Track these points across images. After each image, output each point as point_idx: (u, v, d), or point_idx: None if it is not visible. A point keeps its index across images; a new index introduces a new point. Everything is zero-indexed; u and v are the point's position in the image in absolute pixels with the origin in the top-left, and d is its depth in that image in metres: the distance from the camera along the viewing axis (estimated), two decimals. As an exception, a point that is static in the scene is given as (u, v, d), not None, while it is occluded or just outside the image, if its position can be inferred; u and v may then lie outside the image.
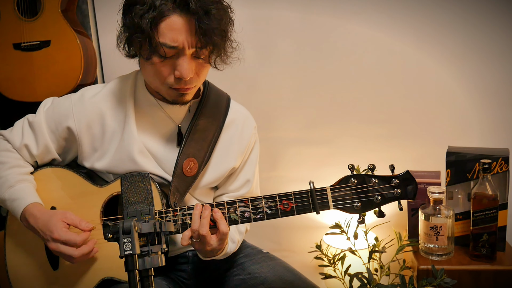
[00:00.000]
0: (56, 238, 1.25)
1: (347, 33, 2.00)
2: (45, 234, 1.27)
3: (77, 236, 1.26)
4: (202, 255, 1.31)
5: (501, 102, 1.96)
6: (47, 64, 1.92)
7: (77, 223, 1.29)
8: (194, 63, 1.23)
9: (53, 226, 1.26)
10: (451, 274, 1.58)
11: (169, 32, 1.17)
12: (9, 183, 1.33)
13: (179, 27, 1.17)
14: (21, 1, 1.91)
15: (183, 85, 1.25)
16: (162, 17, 1.16)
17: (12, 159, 1.38)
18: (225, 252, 1.35)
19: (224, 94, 1.47)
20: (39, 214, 1.29)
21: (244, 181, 1.47)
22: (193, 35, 1.18)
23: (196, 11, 1.15)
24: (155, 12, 1.15)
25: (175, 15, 1.17)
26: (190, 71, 1.22)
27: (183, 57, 1.21)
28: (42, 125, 1.37)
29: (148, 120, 1.37)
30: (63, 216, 1.28)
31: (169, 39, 1.18)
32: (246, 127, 1.46)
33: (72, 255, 1.25)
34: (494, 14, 1.90)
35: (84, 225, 1.29)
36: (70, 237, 1.25)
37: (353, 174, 1.23)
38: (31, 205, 1.31)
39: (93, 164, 1.38)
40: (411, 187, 1.23)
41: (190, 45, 1.19)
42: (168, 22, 1.17)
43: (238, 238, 1.44)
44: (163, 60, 1.21)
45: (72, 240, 1.25)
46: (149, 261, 0.93)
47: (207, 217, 1.21)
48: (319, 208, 1.22)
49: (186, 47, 1.19)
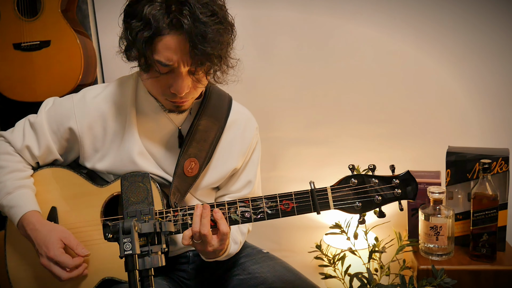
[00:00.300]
0: (51, 257, 1.25)
1: (347, 33, 2.00)
2: (41, 249, 1.27)
3: (71, 260, 1.26)
4: (204, 256, 1.31)
5: (501, 102, 1.96)
6: (47, 64, 1.92)
7: (74, 246, 1.28)
8: (190, 79, 1.22)
9: (50, 244, 1.26)
10: (451, 274, 1.58)
11: (164, 51, 1.16)
12: (7, 189, 1.32)
13: (174, 46, 1.16)
14: (21, 1, 1.91)
15: (179, 99, 1.26)
16: (157, 36, 1.15)
17: (12, 163, 1.37)
18: (228, 253, 1.35)
19: (226, 95, 1.47)
20: (38, 225, 1.29)
21: (245, 182, 1.47)
22: (187, 55, 1.16)
23: (190, 32, 1.13)
24: (150, 30, 1.14)
25: (170, 35, 1.15)
26: (185, 87, 1.22)
27: (178, 74, 1.20)
28: (43, 125, 1.37)
29: (149, 122, 1.36)
30: (62, 235, 1.28)
31: (164, 57, 1.17)
32: (248, 128, 1.46)
33: (61, 276, 1.26)
34: (494, 14, 1.90)
35: (80, 250, 1.29)
36: (64, 259, 1.25)
37: (354, 174, 1.23)
38: (29, 213, 1.30)
39: (95, 164, 1.38)
40: (412, 188, 1.22)
41: (185, 63, 1.18)
42: (163, 41, 1.15)
43: (240, 239, 1.44)
44: (159, 75, 1.21)
45: (65, 263, 1.25)
46: (149, 261, 0.93)
47: (207, 216, 1.21)
48: (319, 208, 1.22)
49: (181, 65, 1.18)
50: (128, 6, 1.20)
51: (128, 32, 1.17)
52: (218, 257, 1.30)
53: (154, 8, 1.13)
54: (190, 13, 1.12)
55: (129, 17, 1.18)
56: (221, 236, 1.22)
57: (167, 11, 1.13)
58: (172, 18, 1.13)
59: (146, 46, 1.16)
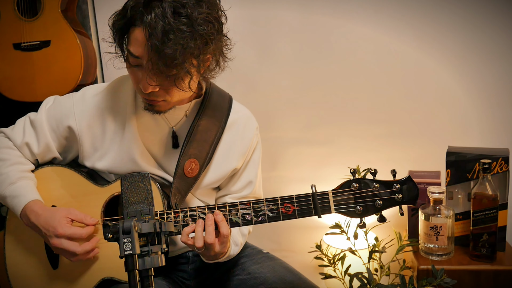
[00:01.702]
0: (60, 233, 1.25)
1: (347, 33, 2.00)
2: (48, 231, 1.27)
3: (82, 229, 1.27)
4: (205, 258, 1.31)
5: (501, 102, 1.96)
6: (47, 64, 1.92)
7: (82, 218, 1.30)
8: (156, 78, 1.18)
9: (57, 222, 1.26)
10: (451, 274, 1.58)
11: (133, 41, 1.18)
12: (10, 180, 1.33)
13: (140, 39, 1.15)
14: (21, 1, 1.91)
15: (147, 96, 1.24)
16: (131, 26, 1.18)
17: (13, 156, 1.38)
18: (228, 255, 1.35)
19: (226, 95, 1.47)
20: (41, 211, 1.29)
21: (246, 182, 1.47)
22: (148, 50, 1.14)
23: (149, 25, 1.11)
24: (124, 19, 1.18)
25: (141, 28, 1.15)
26: (148, 85, 1.19)
27: (144, 70, 1.19)
28: (43, 123, 1.37)
29: (148, 121, 1.36)
30: (67, 212, 1.29)
31: (132, 48, 1.18)
32: (248, 128, 1.46)
33: (75, 251, 1.25)
34: (494, 14, 1.90)
35: (89, 220, 1.30)
36: (75, 230, 1.26)
37: (355, 179, 1.23)
38: (32, 202, 1.31)
39: (94, 164, 1.38)
40: (413, 193, 1.22)
41: (150, 60, 1.15)
42: (134, 33, 1.17)
43: (241, 240, 1.44)
44: (130, 67, 1.23)
45: (77, 233, 1.26)
46: (149, 261, 0.93)
47: (211, 225, 1.21)
48: (320, 212, 1.22)
49: (146, 61, 1.16)
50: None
51: (111, 19, 1.22)
52: (218, 259, 1.30)
53: (136, 1, 1.16)
54: (160, 10, 1.12)
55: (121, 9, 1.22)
56: (222, 239, 1.22)
57: (145, 5, 1.14)
58: (144, 13, 1.14)
59: (121, 34, 1.21)
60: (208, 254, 1.24)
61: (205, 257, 1.29)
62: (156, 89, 1.21)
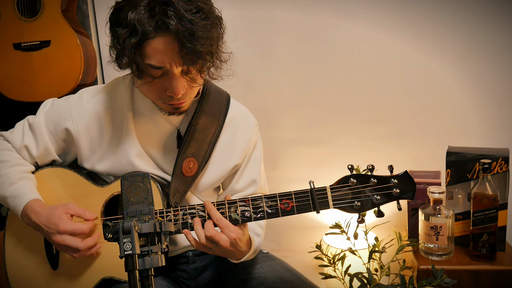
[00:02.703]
0: (62, 229, 1.25)
1: (347, 33, 2.00)
2: (50, 228, 1.27)
3: (84, 225, 1.27)
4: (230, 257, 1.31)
5: (501, 102, 1.96)
6: (47, 64, 1.92)
7: (80, 212, 1.30)
8: (185, 79, 1.20)
9: (58, 219, 1.26)
10: (451, 274, 1.58)
11: (154, 54, 1.15)
12: (11, 180, 1.33)
13: (163, 48, 1.14)
14: (21, 1, 1.91)
15: (176, 101, 1.24)
16: (145, 40, 1.13)
17: (13, 158, 1.38)
18: (255, 248, 1.35)
19: (224, 93, 1.46)
20: (41, 210, 1.29)
21: (250, 180, 1.47)
22: (178, 55, 1.14)
23: (177, 32, 1.11)
24: (137, 36, 1.12)
25: (158, 37, 1.13)
26: (181, 88, 1.20)
27: (172, 76, 1.18)
28: (41, 126, 1.37)
29: (147, 123, 1.36)
30: (65, 208, 1.29)
31: (155, 60, 1.15)
32: (247, 125, 1.46)
33: (78, 246, 1.26)
34: (494, 14, 1.90)
35: (88, 215, 1.30)
36: (77, 226, 1.26)
37: (353, 174, 1.23)
38: (32, 201, 1.31)
39: (93, 166, 1.38)
40: (410, 187, 1.23)
41: (177, 64, 1.16)
42: (152, 45, 1.14)
43: (260, 231, 1.43)
44: (152, 80, 1.20)
45: (79, 229, 1.26)
46: (149, 261, 0.93)
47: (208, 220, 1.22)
48: (319, 207, 1.23)
49: (173, 67, 1.16)
50: (112, 15, 1.18)
51: (116, 40, 1.16)
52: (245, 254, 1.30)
53: (138, 13, 1.12)
54: (175, 13, 1.11)
55: (115, 25, 1.16)
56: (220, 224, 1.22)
57: (151, 14, 1.11)
58: (157, 20, 1.11)
59: (135, 52, 1.14)
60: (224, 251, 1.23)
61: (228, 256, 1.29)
62: (185, 90, 1.22)
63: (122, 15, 1.14)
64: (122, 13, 1.14)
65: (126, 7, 1.14)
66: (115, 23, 1.16)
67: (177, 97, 1.21)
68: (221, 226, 1.22)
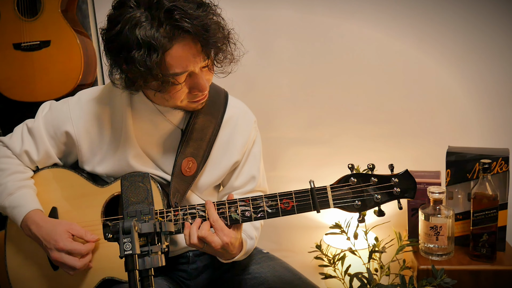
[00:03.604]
0: (61, 247, 1.25)
1: (347, 33, 2.00)
2: (48, 243, 1.27)
3: (82, 246, 1.27)
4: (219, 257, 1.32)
5: (501, 102, 1.96)
6: (47, 64, 1.92)
7: (82, 234, 1.29)
8: (205, 72, 1.23)
9: (58, 236, 1.26)
10: (451, 274, 1.58)
11: (177, 62, 1.15)
12: (9, 190, 1.33)
13: (184, 53, 1.15)
14: (21, 1, 1.92)
15: (201, 96, 1.27)
16: (165, 52, 1.12)
17: (12, 165, 1.37)
18: (246, 251, 1.35)
19: (222, 90, 1.46)
20: (42, 223, 1.29)
21: (249, 177, 1.46)
22: (200, 54, 1.17)
23: (196, 33, 1.12)
24: (157, 52, 1.10)
25: (175, 45, 1.13)
26: (206, 83, 1.24)
27: (195, 75, 1.21)
28: (41, 131, 1.37)
29: (146, 123, 1.36)
30: (68, 227, 1.29)
31: (179, 68, 1.16)
32: (245, 122, 1.46)
33: (75, 265, 1.26)
34: (494, 14, 1.90)
35: (90, 237, 1.30)
36: (76, 246, 1.26)
37: (353, 173, 1.23)
38: (32, 212, 1.31)
39: (94, 168, 1.38)
40: (411, 186, 1.22)
41: (198, 62, 1.18)
42: (171, 54, 1.13)
43: (255, 234, 1.43)
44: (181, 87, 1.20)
45: (77, 249, 1.26)
46: (149, 261, 0.93)
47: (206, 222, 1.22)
48: (319, 207, 1.22)
49: (195, 67, 1.19)
50: (109, 43, 1.16)
51: (135, 65, 1.11)
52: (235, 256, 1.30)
53: (145, 28, 1.10)
54: (183, 15, 1.11)
55: (124, 51, 1.13)
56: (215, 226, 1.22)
57: (160, 24, 1.11)
58: (170, 29, 1.11)
59: (160, 68, 1.13)
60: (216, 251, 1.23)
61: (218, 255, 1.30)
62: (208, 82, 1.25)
63: (128, 38, 1.11)
64: (126, 36, 1.12)
65: (125, 28, 1.11)
66: (122, 49, 1.13)
67: (204, 91, 1.24)
68: (216, 228, 1.21)
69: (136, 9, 1.12)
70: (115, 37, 1.14)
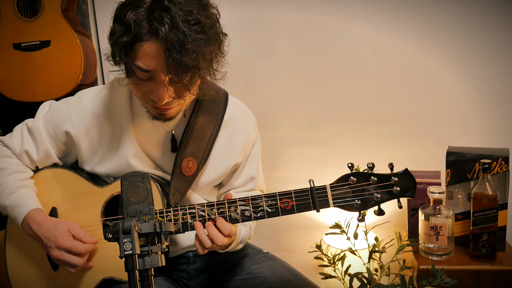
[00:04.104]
0: (61, 245, 1.25)
1: (347, 33, 2.00)
2: (49, 241, 1.27)
3: (82, 245, 1.27)
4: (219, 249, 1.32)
5: (501, 102, 1.96)
6: (47, 64, 1.92)
7: (81, 236, 1.29)
8: (173, 87, 1.18)
9: (58, 234, 1.26)
10: (451, 274, 1.58)
11: (143, 57, 1.13)
12: (9, 189, 1.33)
13: (153, 53, 1.12)
14: (21, 1, 1.92)
15: (160, 104, 1.21)
16: (137, 42, 1.12)
17: (12, 164, 1.37)
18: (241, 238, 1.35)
19: (222, 91, 1.45)
20: (43, 221, 1.29)
21: (248, 177, 1.47)
22: (164, 62, 1.12)
23: (166, 40, 1.09)
24: (129, 35, 1.11)
25: (150, 41, 1.11)
26: (165, 96, 1.18)
27: (159, 82, 1.16)
28: (41, 130, 1.37)
29: (145, 123, 1.36)
30: (69, 226, 1.29)
31: (143, 63, 1.14)
32: (246, 123, 1.46)
33: (75, 263, 1.26)
34: (494, 14, 1.90)
35: (88, 239, 1.30)
36: (75, 245, 1.26)
37: (353, 173, 1.23)
38: (33, 211, 1.31)
39: (94, 168, 1.38)
40: (410, 185, 1.22)
41: (165, 71, 1.14)
42: (143, 47, 1.12)
43: (249, 223, 1.42)
44: (138, 82, 1.19)
45: (76, 248, 1.26)
46: (149, 261, 0.93)
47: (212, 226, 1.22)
48: (319, 206, 1.22)
49: (160, 73, 1.15)
50: (117, 9, 1.18)
51: (110, 36, 1.16)
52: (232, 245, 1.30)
53: (137, 13, 1.11)
54: (170, 21, 1.09)
55: (115, 21, 1.16)
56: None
57: (149, 17, 1.11)
58: (152, 25, 1.10)
59: (126, 51, 1.13)
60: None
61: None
62: (171, 98, 1.20)
63: (123, 13, 1.14)
64: (124, 10, 1.14)
65: (130, 5, 1.14)
66: (116, 19, 1.17)
67: (161, 102, 1.19)
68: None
69: None
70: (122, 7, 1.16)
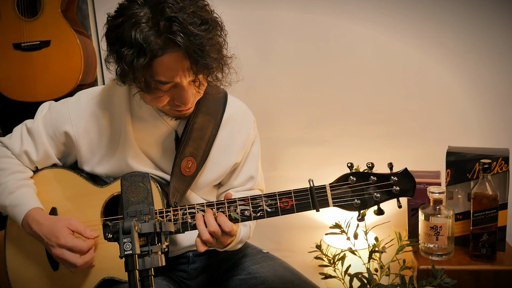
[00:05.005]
0: (62, 244, 1.25)
1: (347, 33, 2.00)
2: (50, 240, 1.27)
3: (83, 243, 1.26)
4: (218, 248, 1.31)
5: (501, 102, 1.96)
6: (47, 64, 1.92)
7: (81, 230, 1.29)
8: (193, 88, 1.22)
9: (59, 232, 1.26)
10: (451, 274, 1.58)
11: (163, 71, 1.14)
12: (9, 189, 1.33)
13: (173, 65, 1.13)
14: (21, 1, 1.92)
15: (184, 107, 1.25)
16: (154, 58, 1.11)
17: (12, 165, 1.37)
18: (240, 238, 1.35)
19: (222, 90, 1.45)
20: (43, 220, 1.29)
21: (247, 177, 1.47)
22: (189, 70, 1.15)
23: (188, 49, 1.10)
24: (145, 56, 1.10)
25: (166, 54, 1.11)
26: (191, 97, 1.22)
27: (181, 88, 1.19)
28: (40, 131, 1.37)
29: (145, 124, 1.36)
30: (67, 222, 1.29)
31: (165, 77, 1.15)
32: (245, 122, 1.46)
33: (75, 263, 1.25)
34: (494, 14, 1.90)
35: (89, 233, 1.29)
36: (77, 243, 1.26)
37: (352, 172, 1.23)
38: (33, 210, 1.31)
39: (93, 168, 1.38)
40: (410, 185, 1.22)
41: (187, 77, 1.16)
42: (160, 62, 1.12)
43: (249, 222, 1.42)
44: (163, 94, 1.20)
45: (78, 246, 1.25)
46: (149, 261, 0.93)
47: (210, 217, 1.21)
48: (318, 205, 1.22)
49: (182, 80, 1.17)
50: (110, 32, 1.16)
51: (122, 62, 1.13)
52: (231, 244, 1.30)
53: (142, 30, 1.09)
54: (181, 28, 1.09)
55: (117, 45, 1.13)
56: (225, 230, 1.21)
57: (157, 31, 1.10)
58: (164, 38, 1.10)
59: (145, 71, 1.13)
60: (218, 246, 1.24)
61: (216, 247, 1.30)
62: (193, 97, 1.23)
63: (124, 33, 1.11)
64: (123, 30, 1.12)
65: (126, 23, 1.11)
66: (116, 41, 1.14)
67: (186, 105, 1.23)
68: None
69: (141, 7, 1.12)
70: (114, 28, 1.14)
